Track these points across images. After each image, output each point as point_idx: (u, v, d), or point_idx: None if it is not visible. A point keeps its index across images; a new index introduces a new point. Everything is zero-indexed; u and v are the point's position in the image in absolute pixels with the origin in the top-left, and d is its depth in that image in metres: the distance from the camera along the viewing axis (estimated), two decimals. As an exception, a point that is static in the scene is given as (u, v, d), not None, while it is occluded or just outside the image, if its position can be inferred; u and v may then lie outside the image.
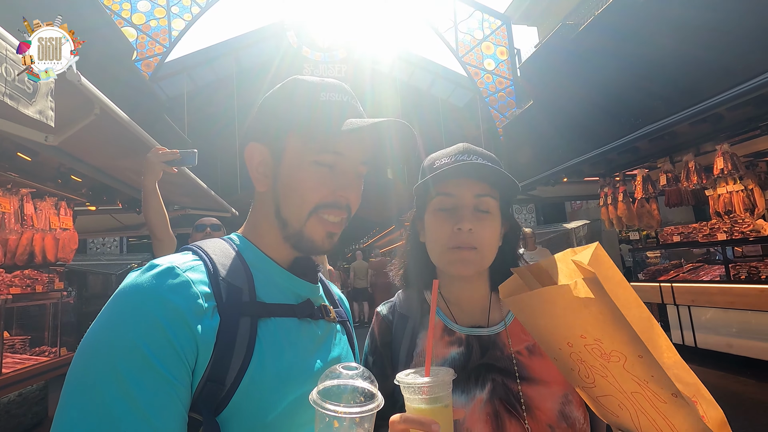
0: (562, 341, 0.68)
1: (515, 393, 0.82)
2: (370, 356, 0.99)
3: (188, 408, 0.60)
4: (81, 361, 0.58)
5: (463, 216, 0.86)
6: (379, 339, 0.98)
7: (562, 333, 0.67)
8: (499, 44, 12.44)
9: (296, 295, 0.77)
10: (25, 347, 4.62)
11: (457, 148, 0.94)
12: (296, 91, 0.77)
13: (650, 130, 5.37)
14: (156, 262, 0.66)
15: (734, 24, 4.41)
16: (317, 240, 0.76)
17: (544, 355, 0.87)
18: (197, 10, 10.44)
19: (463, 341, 0.90)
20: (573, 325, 0.64)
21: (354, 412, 0.55)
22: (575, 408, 0.82)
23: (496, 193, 0.90)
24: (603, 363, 0.64)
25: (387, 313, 1.02)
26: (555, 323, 0.67)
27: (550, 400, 0.82)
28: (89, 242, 10.50)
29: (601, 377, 0.66)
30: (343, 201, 0.76)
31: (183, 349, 0.59)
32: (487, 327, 0.92)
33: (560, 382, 0.84)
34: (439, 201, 0.90)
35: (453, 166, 0.86)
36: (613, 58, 6.12)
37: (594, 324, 0.61)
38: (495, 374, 0.84)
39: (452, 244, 0.86)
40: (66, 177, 4.15)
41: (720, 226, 5.72)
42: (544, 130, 8.09)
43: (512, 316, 0.93)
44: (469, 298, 0.96)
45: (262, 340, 0.66)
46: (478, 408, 0.81)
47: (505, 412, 0.80)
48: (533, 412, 0.80)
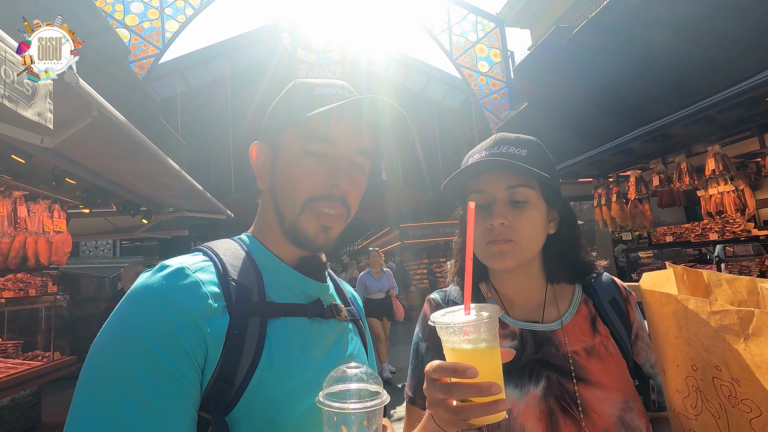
0: (687, 361, 0.61)
1: (571, 393, 0.79)
2: (423, 342, 0.95)
3: (198, 407, 0.60)
4: (93, 361, 0.59)
5: (494, 211, 0.84)
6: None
7: (693, 354, 0.59)
8: (493, 46, 12.52)
9: (306, 295, 0.77)
10: (17, 352, 4.56)
11: (490, 140, 0.92)
12: (295, 91, 0.79)
13: (643, 132, 5.44)
14: (167, 262, 0.67)
15: (725, 28, 4.49)
16: (311, 233, 0.75)
17: (603, 358, 0.83)
18: (191, 11, 10.39)
19: (517, 335, 0.87)
20: (712, 353, 0.56)
21: (360, 408, 0.56)
22: (636, 416, 0.78)
23: (532, 182, 0.86)
24: (725, 405, 0.56)
25: (440, 300, 1.00)
26: (689, 340, 0.59)
27: (608, 404, 0.78)
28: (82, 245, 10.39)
29: (711, 416, 0.59)
30: (337, 192, 0.75)
31: (192, 349, 0.60)
32: (542, 323, 0.88)
33: (621, 388, 0.80)
34: (473, 198, 0.87)
35: (477, 162, 0.85)
36: (606, 60, 6.19)
37: (744, 364, 0.53)
38: (550, 371, 0.82)
39: (488, 239, 0.85)
40: (60, 179, 4.10)
41: (712, 226, 5.79)
42: (538, 131, 8.07)
43: (570, 314, 0.89)
44: (521, 291, 0.93)
45: (272, 340, 0.67)
46: (532, 404, 0.78)
47: (560, 411, 0.78)
48: (589, 415, 0.77)
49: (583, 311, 0.90)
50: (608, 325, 0.88)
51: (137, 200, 5.00)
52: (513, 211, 0.84)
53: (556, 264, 0.93)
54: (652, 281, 0.68)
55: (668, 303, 0.61)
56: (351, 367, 0.60)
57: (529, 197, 0.85)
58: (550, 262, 0.93)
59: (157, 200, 5.26)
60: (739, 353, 0.53)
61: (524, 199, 0.85)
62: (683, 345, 0.61)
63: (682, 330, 0.60)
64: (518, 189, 0.85)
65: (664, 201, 6.82)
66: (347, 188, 0.76)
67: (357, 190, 0.79)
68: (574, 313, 0.90)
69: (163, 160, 3.56)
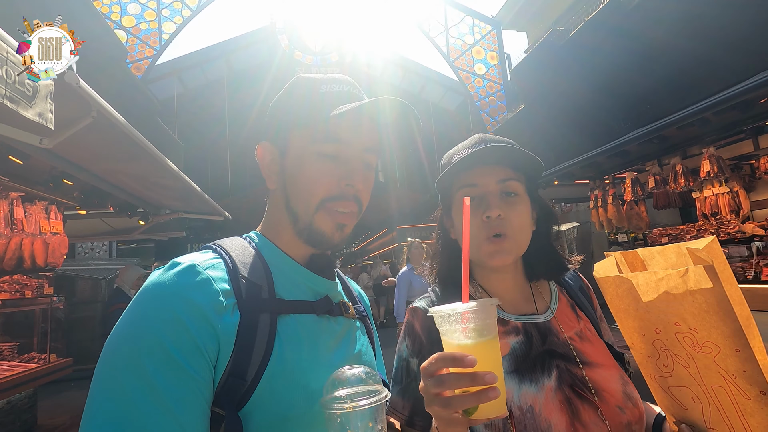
0: (650, 327, 0.69)
1: (581, 378, 0.80)
2: (414, 358, 0.88)
3: (210, 403, 0.61)
4: (107, 358, 0.59)
5: (490, 203, 0.84)
6: (425, 336, 0.87)
7: (653, 319, 0.67)
8: (490, 49, 12.58)
9: (314, 292, 0.78)
10: (13, 354, 4.54)
11: (472, 139, 0.93)
12: (298, 88, 0.79)
13: (639, 134, 5.47)
14: (178, 260, 0.68)
15: (720, 32, 4.54)
16: (327, 232, 0.76)
17: (592, 340, 0.88)
18: (188, 13, 10.37)
19: (521, 330, 0.86)
20: (669, 312, 0.64)
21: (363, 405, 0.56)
22: (633, 388, 0.82)
23: (521, 176, 0.88)
24: (691, 353, 0.64)
25: (426, 307, 0.92)
26: (648, 308, 0.67)
27: (613, 382, 0.81)
28: (78, 247, 10.32)
29: (682, 367, 0.67)
30: (350, 191, 0.76)
31: (205, 346, 0.60)
32: (538, 314, 0.90)
33: (614, 365, 0.85)
34: (464, 193, 0.87)
35: (468, 155, 0.84)
36: (602, 62, 6.24)
37: (695, 313, 0.61)
38: (558, 360, 0.82)
39: (486, 235, 0.84)
40: (58, 180, 4.08)
41: (707, 227, 5.84)
42: (535, 133, 8.20)
43: (556, 304, 0.92)
44: (509, 289, 0.93)
45: (282, 336, 0.67)
46: (551, 396, 0.78)
47: (577, 398, 0.78)
48: (602, 395, 0.79)
49: (563, 300, 0.95)
50: (584, 310, 0.95)
51: (134, 202, 4.98)
52: (506, 204, 0.85)
53: (537, 262, 0.95)
54: (602, 269, 0.76)
55: (622, 283, 0.70)
56: (350, 369, 0.61)
57: (519, 190, 0.87)
58: (532, 260, 0.95)
59: (154, 202, 5.24)
60: (689, 305, 0.61)
61: (515, 191, 0.87)
62: (644, 314, 0.69)
63: (639, 302, 0.67)
64: (509, 182, 0.86)
65: (659, 203, 6.87)
66: (361, 188, 0.77)
67: (368, 187, 0.81)
68: (558, 302, 0.94)
69: (162, 161, 3.55)
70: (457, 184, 0.90)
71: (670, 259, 0.70)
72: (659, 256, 0.72)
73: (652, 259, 0.73)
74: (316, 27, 11.79)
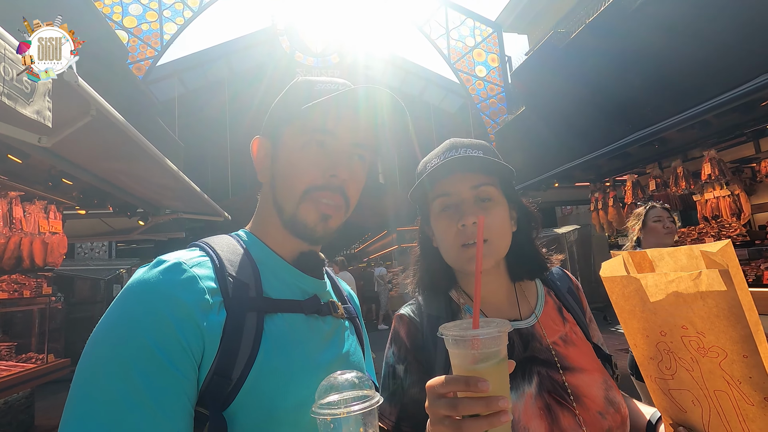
0: (655, 329, 0.68)
1: (561, 384, 0.80)
2: (399, 364, 0.88)
3: (194, 402, 0.60)
4: (89, 355, 0.58)
5: (465, 210, 0.84)
6: (410, 343, 0.89)
7: (659, 321, 0.66)
8: (491, 51, 12.61)
9: (302, 291, 0.77)
10: (11, 354, 4.53)
11: (443, 146, 0.92)
12: (296, 88, 0.80)
13: (640, 136, 5.47)
14: (163, 257, 0.67)
15: (721, 34, 4.54)
16: (310, 222, 0.75)
17: (577, 344, 0.87)
18: (189, 14, 10.41)
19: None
20: (676, 315, 0.63)
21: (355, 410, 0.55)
22: (616, 393, 0.81)
23: (494, 180, 0.88)
24: (696, 357, 0.63)
25: (413, 315, 0.92)
26: (655, 309, 0.66)
27: (595, 387, 0.81)
28: (77, 247, 10.32)
29: (685, 371, 0.66)
30: (335, 182, 0.75)
31: (189, 344, 0.59)
32: (521, 320, 0.89)
33: (598, 369, 0.84)
34: (440, 202, 0.88)
35: (440, 165, 0.84)
36: (603, 65, 6.24)
37: (705, 317, 0.60)
38: (539, 367, 0.82)
39: (462, 242, 0.84)
40: (57, 180, 4.07)
41: (708, 230, 5.84)
42: (536, 136, 8.21)
43: (541, 307, 0.92)
44: (493, 293, 0.92)
45: (269, 336, 0.66)
46: (530, 403, 0.78)
47: (556, 405, 0.78)
48: (582, 401, 0.79)
49: (550, 302, 0.94)
50: (571, 312, 0.94)
51: (134, 202, 4.98)
52: (482, 210, 0.85)
53: (518, 261, 0.94)
54: (609, 269, 0.75)
55: (630, 283, 0.69)
56: (342, 374, 0.59)
57: (493, 195, 0.87)
58: (513, 260, 0.94)
59: (154, 202, 5.23)
60: (699, 309, 0.60)
61: (489, 196, 0.86)
62: (650, 316, 0.68)
63: (646, 303, 0.67)
64: (482, 188, 0.86)
65: (660, 205, 6.86)
66: (346, 179, 0.77)
67: (356, 182, 0.80)
68: (543, 305, 0.93)
69: (162, 161, 3.55)
70: (432, 193, 0.90)
71: (680, 261, 0.69)
72: (669, 257, 0.70)
73: (661, 260, 0.72)
74: (317, 29, 11.83)
